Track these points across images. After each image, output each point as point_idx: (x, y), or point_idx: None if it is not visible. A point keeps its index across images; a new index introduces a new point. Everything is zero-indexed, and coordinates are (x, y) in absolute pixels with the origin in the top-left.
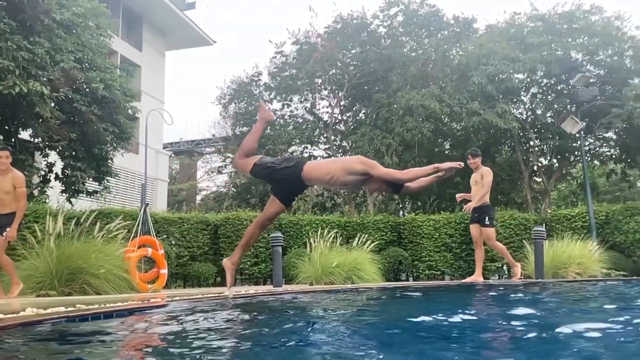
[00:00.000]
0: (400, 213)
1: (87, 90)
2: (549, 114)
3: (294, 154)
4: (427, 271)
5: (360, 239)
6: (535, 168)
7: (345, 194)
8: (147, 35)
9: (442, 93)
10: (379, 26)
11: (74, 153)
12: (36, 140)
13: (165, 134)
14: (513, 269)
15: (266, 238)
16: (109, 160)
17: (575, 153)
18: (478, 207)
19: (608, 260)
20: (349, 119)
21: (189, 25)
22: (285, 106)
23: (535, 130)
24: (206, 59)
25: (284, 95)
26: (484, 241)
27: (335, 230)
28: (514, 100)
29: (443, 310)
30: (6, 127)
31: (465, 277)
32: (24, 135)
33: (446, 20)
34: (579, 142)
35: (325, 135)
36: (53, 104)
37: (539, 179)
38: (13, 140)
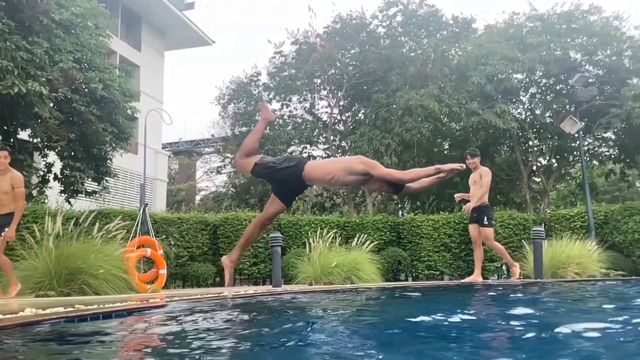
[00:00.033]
0: (399, 213)
1: (86, 90)
2: (547, 114)
3: (293, 154)
4: (426, 271)
5: (359, 239)
6: (534, 168)
7: (345, 194)
8: (146, 35)
9: (441, 93)
10: (378, 26)
11: (72, 153)
12: (35, 140)
13: (164, 134)
14: (512, 269)
15: (265, 238)
16: (108, 161)
17: (574, 153)
18: (477, 207)
19: (607, 260)
20: (348, 119)
21: (188, 25)
22: (285, 106)
23: (534, 130)
24: (205, 59)
25: (283, 96)
26: (482, 241)
27: (335, 230)
28: (513, 100)
29: (442, 310)
30: (5, 127)
31: (464, 277)
32: (23, 135)
33: (445, 21)
34: (578, 142)
35: (325, 136)
36: (52, 104)
37: (538, 179)
38: (12, 140)
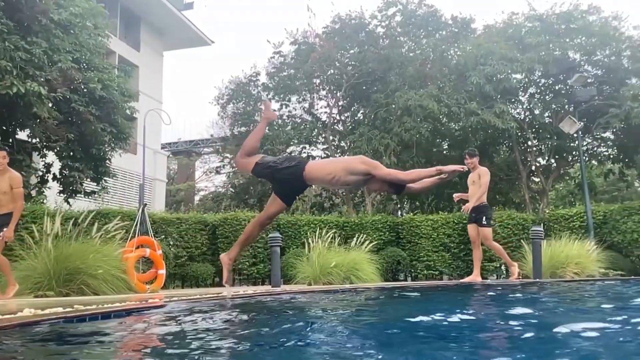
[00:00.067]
0: (398, 213)
1: (85, 90)
2: (546, 114)
3: (293, 154)
4: (426, 271)
5: (358, 239)
6: (533, 168)
7: (344, 194)
8: (145, 35)
9: (440, 93)
10: (377, 26)
11: (71, 153)
12: (34, 140)
13: (163, 134)
14: (510, 269)
15: (264, 238)
16: (107, 161)
17: (573, 153)
18: (476, 207)
19: (606, 260)
20: (347, 119)
21: (187, 25)
22: (284, 106)
23: (533, 130)
24: (204, 59)
25: (282, 96)
26: (481, 241)
27: (334, 230)
28: (512, 100)
29: (441, 310)
30: (4, 128)
31: (463, 277)
32: (22, 135)
33: (444, 21)
34: (577, 142)
35: (324, 136)
36: (51, 104)
37: (536, 179)
38: (11, 140)
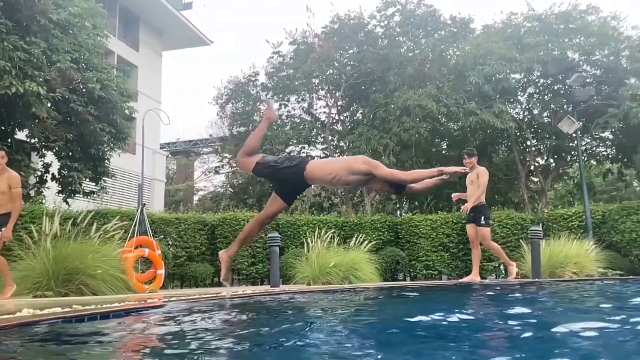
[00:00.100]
0: (397, 213)
1: (84, 90)
2: (545, 114)
3: (292, 154)
4: (425, 271)
5: (357, 239)
6: (532, 168)
7: (343, 193)
8: (144, 35)
9: (439, 93)
10: (376, 26)
11: (70, 153)
12: (32, 140)
13: (162, 134)
14: (509, 268)
15: (263, 238)
16: (106, 161)
17: (572, 153)
18: (474, 207)
19: (604, 259)
20: (346, 119)
21: (186, 25)
22: (283, 106)
23: (532, 130)
24: (203, 59)
25: (281, 95)
26: (480, 241)
27: (333, 230)
28: (511, 100)
29: (440, 309)
30: (2, 128)
31: (462, 277)
32: (20, 135)
33: (443, 21)
34: (576, 142)
35: (323, 136)
36: (49, 104)
37: (535, 179)
38: (9, 140)
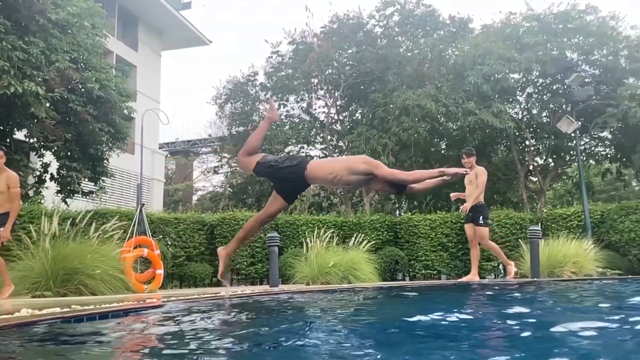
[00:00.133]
0: (396, 213)
1: (83, 90)
2: (544, 114)
3: (291, 154)
4: (424, 271)
5: (356, 238)
6: (530, 167)
7: (342, 193)
8: (143, 35)
9: (438, 93)
10: (375, 26)
11: (69, 153)
12: (31, 140)
13: (161, 134)
14: (507, 268)
15: (262, 238)
16: (105, 161)
17: (571, 152)
18: (473, 207)
19: (603, 259)
20: (345, 119)
21: (185, 25)
22: (282, 106)
23: (531, 129)
24: (202, 59)
25: (280, 95)
26: (478, 240)
27: (332, 230)
28: (510, 100)
29: (439, 309)
30: (1, 128)
31: (461, 277)
32: (19, 135)
33: (442, 20)
34: (575, 142)
35: (322, 135)
36: (48, 104)
37: (534, 179)
38: (8, 140)
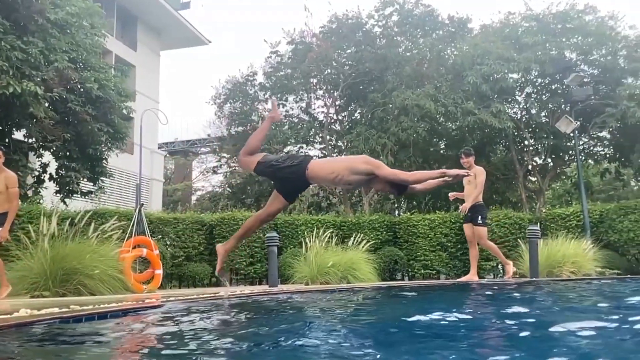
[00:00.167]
0: (395, 212)
1: (82, 90)
2: (543, 114)
3: (290, 153)
4: (423, 270)
5: (355, 238)
6: (529, 167)
7: (341, 193)
8: (142, 34)
9: (437, 93)
10: (374, 26)
11: (68, 153)
12: (30, 140)
13: (160, 134)
14: (505, 267)
15: (262, 238)
16: (104, 161)
17: (570, 152)
18: (471, 207)
19: (602, 258)
20: (345, 119)
21: (184, 24)
22: (281, 106)
23: (530, 129)
24: (201, 59)
25: (279, 95)
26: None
27: (331, 230)
28: (509, 99)
29: (438, 309)
30: (0, 128)
31: (460, 276)
32: (18, 135)
33: (441, 20)
34: (573, 142)
35: (321, 135)
36: (47, 104)
37: (533, 178)
38: (7, 140)
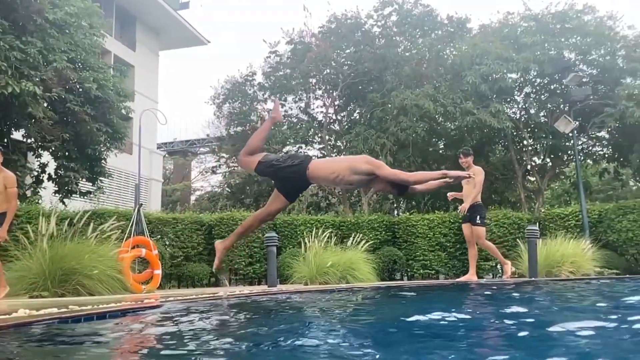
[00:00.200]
0: (394, 212)
1: (80, 90)
2: (542, 114)
3: (290, 153)
4: (422, 270)
5: (354, 238)
6: (528, 167)
7: (340, 193)
8: (141, 34)
9: (436, 93)
10: (373, 26)
11: (67, 153)
12: (29, 140)
13: (159, 134)
14: (504, 267)
15: (260, 238)
16: (103, 161)
17: (569, 152)
18: (470, 206)
19: (601, 258)
20: (344, 119)
21: (183, 24)
22: (280, 106)
23: (529, 129)
24: (200, 59)
25: (278, 95)
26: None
27: (330, 230)
28: (508, 99)
29: (438, 309)
30: None
31: (459, 276)
32: (17, 135)
33: (440, 20)
34: (572, 142)
35: (320, 135)
36: (46, 104)
37: (532, 178)
38: (5, 140)
